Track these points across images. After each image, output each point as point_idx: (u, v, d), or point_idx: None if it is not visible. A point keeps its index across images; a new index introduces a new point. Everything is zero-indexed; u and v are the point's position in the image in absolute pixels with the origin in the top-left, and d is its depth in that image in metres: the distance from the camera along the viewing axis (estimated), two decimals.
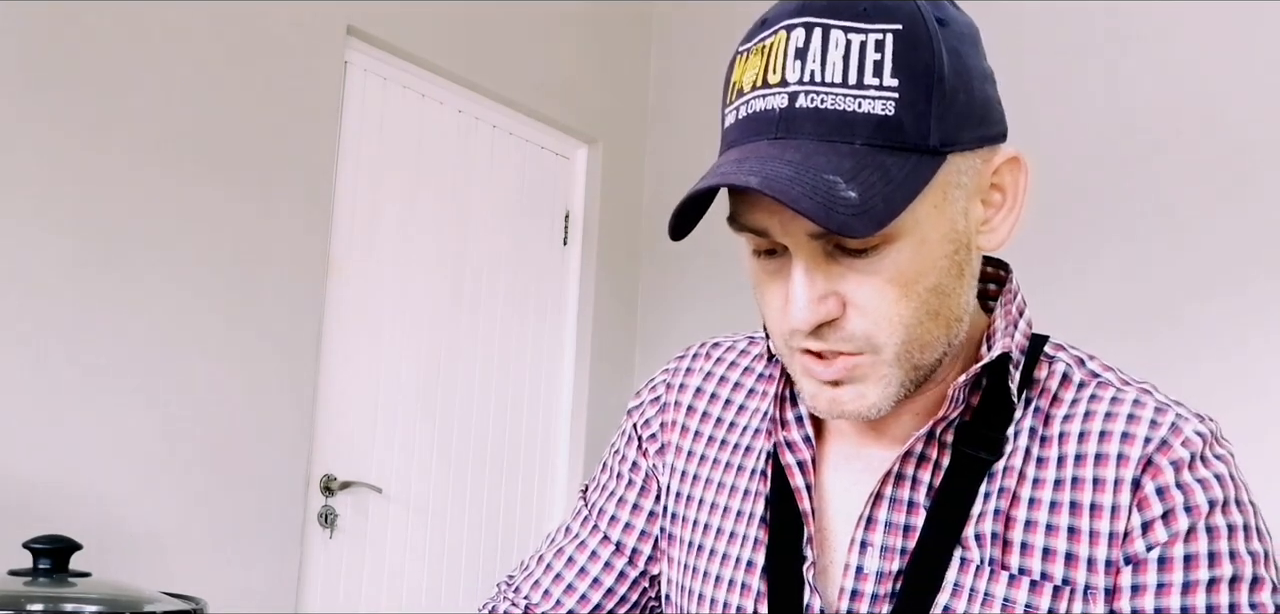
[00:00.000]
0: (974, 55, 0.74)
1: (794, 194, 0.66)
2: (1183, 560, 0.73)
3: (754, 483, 0.87)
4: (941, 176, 0.71)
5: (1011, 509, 0.78)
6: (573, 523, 1.00)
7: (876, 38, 0.69)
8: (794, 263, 0.73)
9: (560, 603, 0.96)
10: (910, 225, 0.71)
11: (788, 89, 0.70)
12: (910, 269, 0.72)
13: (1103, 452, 0.77)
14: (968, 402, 0.80)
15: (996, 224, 0.78)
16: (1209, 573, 0.72)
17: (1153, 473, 0.75)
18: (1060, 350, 0.84)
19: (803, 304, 0.72)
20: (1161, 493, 0.74)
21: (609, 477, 0.99)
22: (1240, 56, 2.41)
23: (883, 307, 0.72)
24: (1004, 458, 0.79)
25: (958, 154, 0.72)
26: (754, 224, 0.73)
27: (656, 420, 0.96)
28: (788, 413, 0.85)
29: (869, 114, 0.69)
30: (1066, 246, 2.56)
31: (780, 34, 0.71)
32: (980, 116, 0.74)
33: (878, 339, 0.73)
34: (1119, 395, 0.79)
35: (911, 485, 0.80)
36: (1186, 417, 0.77)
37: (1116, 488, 0.75)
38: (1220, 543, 0.73)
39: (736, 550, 0.86)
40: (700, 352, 0.97)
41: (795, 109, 0.70)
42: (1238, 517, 0.74)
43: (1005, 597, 0.75)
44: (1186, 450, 0.75)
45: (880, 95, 0.69)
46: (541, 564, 0.98)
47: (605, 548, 0.96)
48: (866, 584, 0.79)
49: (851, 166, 0.68)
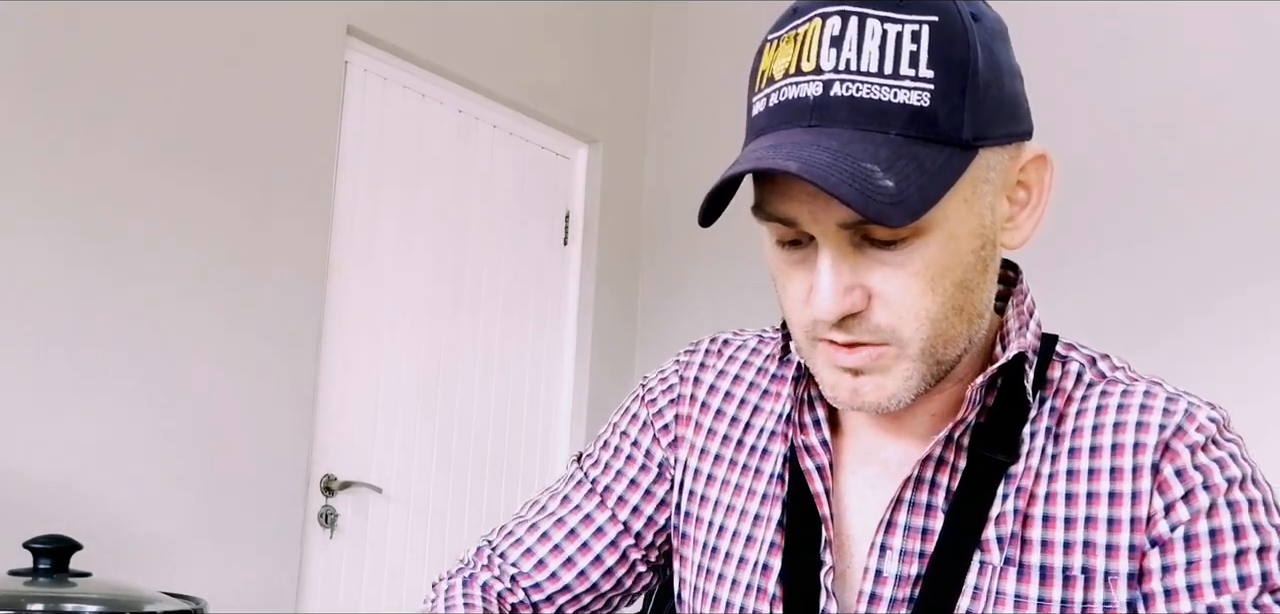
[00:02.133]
0: (1005, 51, 0.75)
1: (833, 181, 0.65)
2: (1208, 535, 0.73)
3: (771, 486, 0.87)
4: (972, 171, 0.71)
5: (1029, 508, 0.78)
6: (572, 492, 0.96)
7: (913, 29, 0.69)
8: (821, 253, 0.72)
9: (556, 575, 0.93)
10: (940, 219, 0.71)
11: (822, 77, 0.69)
12: (938, 264, 0.72)
13: (1119, 442, 0.77)
14: (983, 403, 0.80)
15: (1021, 221, 0.78)
16: (1236, 545, 0.73)
17: (1171, 457, 0.76)
18: (1072, 350, 0.84)
19: (829, 295, 0.72)
20: (1181, 474, 0.75)
21: (615, 455, 0.96)
22: (1241, 58, 2.41)
23: (908, 300, 0.72)
24: (1021, 459, 0.79)
25: (988, 149, 0.72)
26: (783, 213, 0.73)
27: (670, 411, 0.95)
28: (805, 416, 0.84)
29: (904, 104, 0.68)
30: (1067, 248, 2.55)
31: (815, 22, 0.71)
32: (1010, 112, 0.74)
33: (903, 333, 0.73)
34: (1130, 389, 0.80)
35: (929, 489, 0.79)
36: (1198, 405, 0.78)
37: (1135, 474, 0.76)
38: (1243, 516, 0.74)
39: (753, 554, 0.85)
40: (711, 348, 0.96)
41: (830, 97, 0.69)
42: (1256, 492, 0.75)
43: (1021, 594, 0.76)
44: (1201, 435, 0.76)
45: (916, 86, 0.68)
46: (535, 532, 0.94)
47: (613, 525, 0.93)
48: (886, 588, 0.78)
49: (888, 156, 0.67)
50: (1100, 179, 2.56)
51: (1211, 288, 2.38)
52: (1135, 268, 2.49)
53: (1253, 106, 2.38)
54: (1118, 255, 2.52)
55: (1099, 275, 2.53)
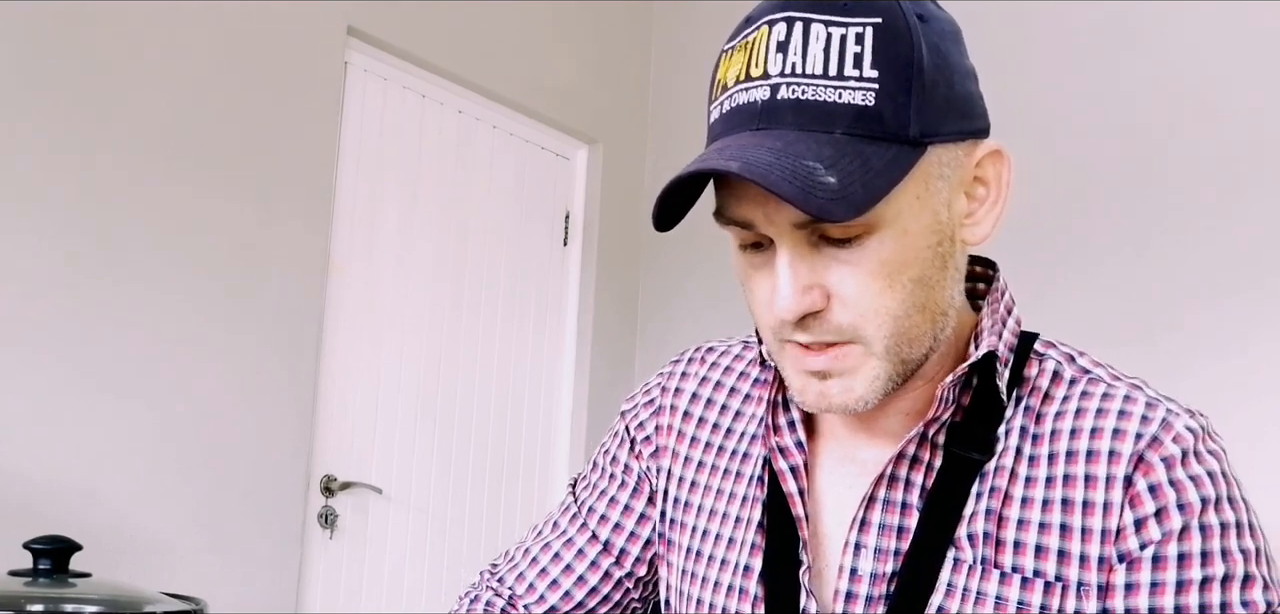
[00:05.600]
0: (955, 51, 0.75)
1: (773, 178, 0.67)
2: (1177, 559, 0.73)
3: (751, 489, 0.88)
4: (922, 167, 0.72)
5: (1004, 508, 0.78)
6: (560, 518, 1.00)
7: (856, 31, 0.71)
8: (779, 254, 0.74)
9: (543, 597, 0.97)
10: (892, 215, 0.72)
11: (769, 81, 0.71)
12: (893, 260, 0.73)
13: (1094, 448, 0.77)
14: (958, 402, 0.80)
15: (981, 217, 0.79)
16: (1202, 572, 0.73)
17: (1145, 470, 0.75)
18: (1050, 348, 0.84)
19: (788, 294, 0.73)
20: (1154, 490, 0.74)
21: (600, 476, 0.99)
22: (1241, 59, 2.41)
23: (867, 299, 0.73)
24: (995, 457, 0.79)
25: (939, 146, 0.73)
26: (739, 216, 0.74)
27: (651, 424, 0.97)
28: (780, 418, 0.85)
29: (849, 104, 0.70)
30: (1067, 249, 2.55)
31: (763, 29, 0.73)
32: (962, 110, 0.75)
33: (865, 331, 0.74)
34: (1110, 391, 0.79)
35: (904, 487, 0.80)
36: (1177, 412, 0.77)
37: (1109, 485, 0.76)
38: (1213, 542, 0.73)
39: (733, 556, 0.86)
40: (695, 356, 0.98)
41: (776, 100, 0.71)
42: (1230, 514, 0.74)
43: (998, 595, 0.76)
44: (1178, 447, 0.75)
45: (861, 86, 0.70)
46: (527, 557, 0.99)
47: (593, 546, 0.97)
48: (861, 586, 0.79)
49: (831, 154, 0.69)
50: (1100, 181, 2.56)
51: (1212, 289, 2.37)
52: (1134, 269, 2.48)
53: (1255, 107, 2.38)
54: (1117, 257, 2.51)
55: (1098, 277, 2.53)
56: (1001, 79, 0.81)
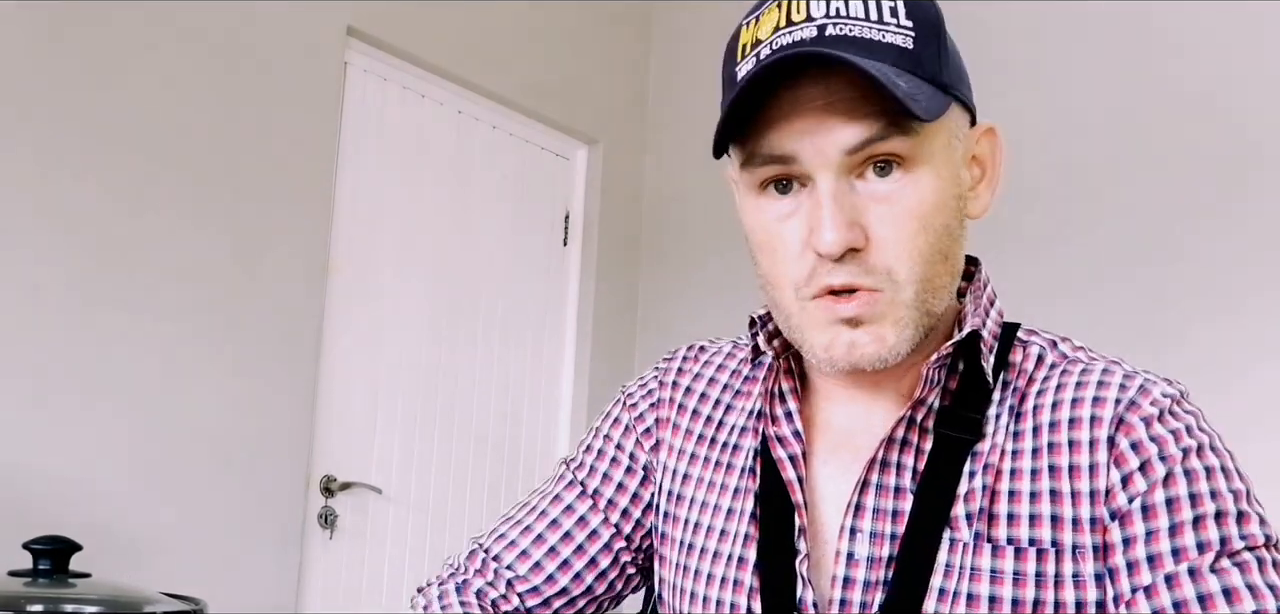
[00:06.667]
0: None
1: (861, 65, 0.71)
2: (1165, 504, 0.74)
3: (743, 481, 0.88)
4: (948, 119, 0.77)
5: (996, 485, 0.79)
6: (558, 489, 0.98)
7: None
8: (820, 189, 0.75)
9: (552, 578, 0.94)
10: (927, 155, 0.75)
11: (815, 22, 0.75)
12: (928, 201, 0.76)
13: (1076, 417, 0.79)
14: (945, 387, 0.82)
15: (980, 192, 0.83)
16: (1193, 512, 0.73)
17: (1125, 430, 0.77)
18: (1033, 335, 0.86)
19: (833, 226, 0.74)
20: (1136, 447, 0.76)
21: (600, 459, 0.97)
22: (1242, 59, 2.41)
23: (903, 239, 0.75)
24: (986, 438, 0.80)
25: (956, 108, 0.78)
26: (782, 149, 0.76)
27: (651, 415, 0.97)
28: (777, 408, 0.86)
29: (892, 44, 0.74)
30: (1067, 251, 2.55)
31: None
32: (968, 82, 0.81)
33: (898, 273, 0.76)
34: (1088, 368, 0.82)
35: (897, 472, 0.81)
36: (1154, 380, 0.80)
37: (1093, 448, 0.77)
38: (1200, 484, 0.74)
39: (728, 548, 0.87)
40: (688, 354, 0.99)
41: (825, 36, 0.74)
42: (1213, 460, 0.76)
43: (993, 568, 0.77)
44: (1155, 408, 0.78)
45: (900, 31, 0.75)
46: (521, 529, 0.96)
47: (606, 528, 0.95)
48: (858, 571, 0.80)
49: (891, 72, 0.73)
50: (1100, 181, 2.56)
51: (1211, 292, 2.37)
52: (1134, 271, 2.48)
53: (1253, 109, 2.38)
54: (1116, 259, 2.51)
55: (1099, 278, 2.53)
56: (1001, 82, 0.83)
